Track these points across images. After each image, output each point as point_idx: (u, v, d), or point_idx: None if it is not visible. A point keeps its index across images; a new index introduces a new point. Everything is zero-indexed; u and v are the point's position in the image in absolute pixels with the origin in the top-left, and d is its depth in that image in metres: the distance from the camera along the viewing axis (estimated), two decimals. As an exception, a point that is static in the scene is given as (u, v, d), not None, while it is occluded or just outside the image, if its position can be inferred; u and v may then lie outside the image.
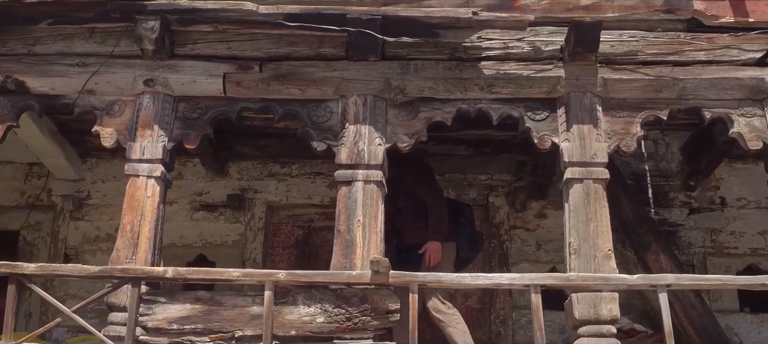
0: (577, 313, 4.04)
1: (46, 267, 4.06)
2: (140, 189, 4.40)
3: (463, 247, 5.14)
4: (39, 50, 4.73)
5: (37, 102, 4.70)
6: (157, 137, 4.47)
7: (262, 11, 4.30)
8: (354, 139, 4.36)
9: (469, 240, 5.18)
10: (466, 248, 5.15)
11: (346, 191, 4.28)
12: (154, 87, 4.55)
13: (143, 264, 4.23)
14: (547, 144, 4.39)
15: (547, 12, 4.41)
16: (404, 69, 4.46)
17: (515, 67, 4.44)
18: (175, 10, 4.37)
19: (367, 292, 3.90)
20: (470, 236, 5.19)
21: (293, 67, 4.51)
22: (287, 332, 3.88)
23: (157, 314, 3.97)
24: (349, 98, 4.44)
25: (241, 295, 3.97)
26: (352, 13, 4.24)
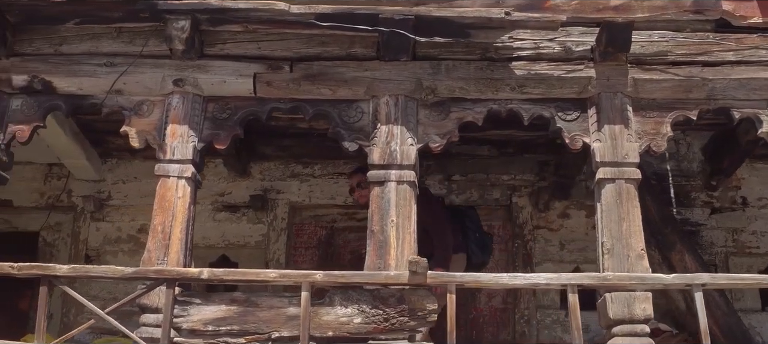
0: (611, 313, 4.05)
1: (79, 269, 4.04)
2: (171, 190, 4.38)
3: (475, 253, 5.10)
4: (65, 50, 4.70)
5: (64, 102, 4.68)
6: (187, 137, 4.45)
7: (294, 11, 4.29)
8: (386, 139, 4.35)
9: (480, 245, 5.13)
10: (479, 253, 5.10)
11: (379, 192, 4.28)
12: (183, 87, 4.53)
13: (175, 265, 4.21)
14: (578, 144, 4.39)
15: (578, 12, 4.41)
16: (436, 69, 4.46)
17: (546, 68, 4.45)
18: (206, 10, 4.35)
19: (405, 293, 3.90)
20: (480, 241, 5.14)
21: (324, 68, 4.50)
22: (324, 333, 3.87)
23: (192, 315, 3.96)
24: (381, 98, 4.44)
25: (278, 296, 3.96)
26: (384, 13, 4.24)
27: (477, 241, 5.12)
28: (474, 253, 5.10)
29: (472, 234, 5.10)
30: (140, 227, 6.10)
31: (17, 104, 4.69)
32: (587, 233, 5.79)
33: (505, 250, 5.85)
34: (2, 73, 4.69)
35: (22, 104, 4.68)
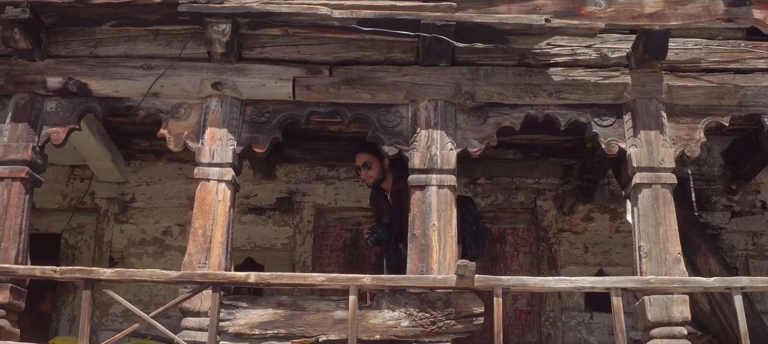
0: (650, 315, 4.12)
1: (123, 273, 4.02)
2: (211, 193, 4.38)
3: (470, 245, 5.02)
4: (101, 52, 4.70)
5: (100, 105, 4.67)
6: (226, 141, 4.46)
7: (336, 16, 4.31)
8: (426, 144, 4.39)
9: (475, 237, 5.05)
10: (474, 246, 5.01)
11: (420, 196, 4.32)
12: (222, 90, 4.54)
13: (216, 269, 4.22)
14: (614, 149, 4.46)
15: (613, 19, 4.48)
16: (474, 75, 4.51)
17: (583, 74, 4.51)
18: (247, 14, 4.36)
19: (451, 296, 3.94)
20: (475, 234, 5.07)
21: (364, 72, 4.53)
22: (372, 336, 3.91)
23: (239, 319, 3.97)
24: (420, 103, 4.48)
25: (325, 300, 3.98)
26: (426, 19, 4.28)
27: (473, 233, 5.01)
28: (469, 245, 4.98)
29: (469, 226, 4.99)
30: (165, 229, 6.09)
31: (52, 106, 4.67)
32: (611, 237, 5.88)
33: (530, 253, 5.91)
34: (37, 76, 4.67)
35: (57, 107, 4.67)
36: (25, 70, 4.68)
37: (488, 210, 5.90)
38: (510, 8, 4.55)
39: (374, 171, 4.86)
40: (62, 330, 5.88)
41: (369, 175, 4.88)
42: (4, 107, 4.69)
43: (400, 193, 4.75)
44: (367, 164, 4.86)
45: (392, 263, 4.74)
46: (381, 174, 4.88)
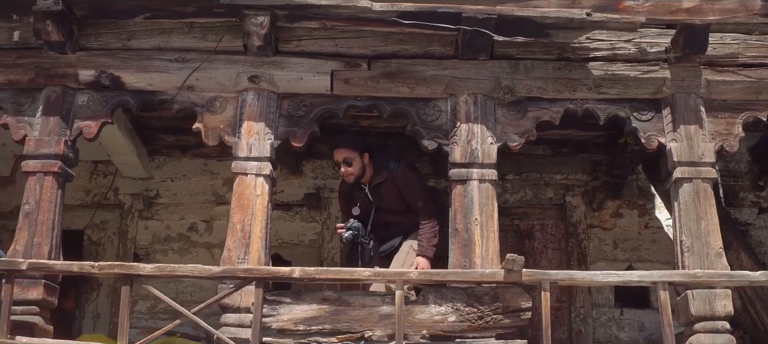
0: (693, 309, 4.10)
1: (164, 268, 3.96)
2: (249, 188, 4.33)
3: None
4: (135, 45, 4.63)
5: (133, 98, 4.60)
6: (263, 134, 4.41)
7: (376, 9, 4.28)
8: (467, 138, 4.36)
9: None
10: None
11: (461, 190, 4.29)
12: (258, 84, 4.49)
13: (256, 264, 4.17)
14: (654, 144, 4.44)
15: (651, 14, 4.49)
16: (514, 68, 4.48)
17: (622, 68, 4.49)
18: (286, 6, 4.31)
19: (498, 290, 3.91)
20: None
21: (403, 65, 4.49)
22: (418, 331, 3.87)
23: (282, 315, 3.92)
24: (460, 97, 4.44)
25: (370, 295, 3.94)
26: (467, 12, 4.25)
27: None
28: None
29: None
30: (190, 225, 6.02)
31: (83, 100, 4.61)
32: (640, 233, 5.87)
33: (558, 249, 5.89)
34: (68, 69, 4.60)
35: (89, 100, 4.60)
36: (57, 63, 4.60)
37: (516, 206, 5.88)
38: (549, 2, 4.54)
39: (355, 167, 4.70)
40: (86, 328, 5.80)
41: (350, 172, 4.71)
42: (34, 101, 4.61)
43: (380, 187, 4.71)
44: (348, 161, 4.70)
45: (367, 258, 4.66)
46: (362, 170, 4.72)
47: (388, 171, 4.70)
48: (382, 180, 4.70)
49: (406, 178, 4.70)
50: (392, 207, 4.74)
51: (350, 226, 4.66)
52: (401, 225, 4.77)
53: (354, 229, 4.65)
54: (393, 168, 4.69)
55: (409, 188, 4.70)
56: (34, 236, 4.34)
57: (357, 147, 4.68)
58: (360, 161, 4.72)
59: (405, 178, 4.69)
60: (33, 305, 4.21)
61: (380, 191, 4.72)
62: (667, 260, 5.73)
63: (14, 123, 4.59)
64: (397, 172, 4.70)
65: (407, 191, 4.71)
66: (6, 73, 4.63)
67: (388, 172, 4.70)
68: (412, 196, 4.71)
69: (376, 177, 4.72)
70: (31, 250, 4.31)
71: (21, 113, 4.58)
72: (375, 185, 4.74)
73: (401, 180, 4.69)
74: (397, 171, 4.70)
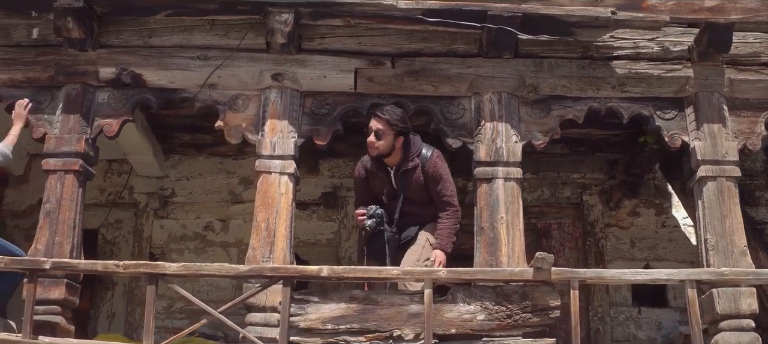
0: (718, 307, 4.11)
1: (190, 267, 3.92)
2: (273, 186, 4.31)
3: None
4: (156, 42, 4.60)
5: (154, 96, 4.57)
6: (287, 132, 4.39)
7: (401, 6, 4.26)
8: (491, 136, 4.35)
9: None
10: None
11: (486, 189, 4.28)
12: (282, 82, 4.47)
13: (281, 263, 4.14)
14: (677, 143, 4.45)
15: (674, 13, 4.48)
16: (538, 67, 4.48)
17: (646, 67, 4.50)
18: (310, 3, 4.29)
19: (527, 289, 3.90)
20: None
21: (427, 64, 4.48)
22: (447, 330, 3.85)
23: (310, 314, 3.89)
24: (484, 95, 4.44)
25: (398, 294, 3.92)
26: (493, 10, 4.24)
27: None
28: None
29: None
30: (206, 224, 5.99)
31: (104, 98, 4.57)
32: (657, 232, 5.88)
33: (576, 248, 5.89)
34: (89, 66, 4.57)
35: (109, 98, 4.57)
36: (77, 61, 4.57)
37: (534, 205, 5.87)
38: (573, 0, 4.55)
39: (384, 144, 4.22)
40: (101, 328, 5.76)
41: (376, 146, 4.23)
42: (53, 99, 4.58)
43: (407, 174, 4.28)
44: (379, 133, 4.20)
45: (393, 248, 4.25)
46: (389, 150, 4.25)
47: (420, 159, 4.27)
48: (410, 167, 4.27)
49: (436, 168, 4.28)
50: (415, 197, 4.35)
51: (373, 213, 4.23)
52: (419, 217, 4.38)
53: (377, 216, 4.23)
54: (425, 156, 4.27)
55: (436, 180, 4.28)
56: (55, 235, 4.31)
57: (395, 126, 4.19)
58: (392, 140, 4.22)
59: (436, 168, 4.28)
60: (55, 304, 4.18)
61: (406, 179, 4.30)
62: (684, 258, 5.78)
63: (33, 121, 4.54)
64: (429, 161, 4.28)
65: (435, 182, 4.28)
66: (25, 71, 4.60)
67: (419, 160, 4.27)
68: (439, 188, 4.27)
69: (404, 163, 4.28)
70: (52, 249, 4.27)
71: (40, 111, 4.55)
72: (402, 172, 4.30)
73: (431, 170, 4.28)
74: (429, 161, 4.28)
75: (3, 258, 4.05)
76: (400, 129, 4.21)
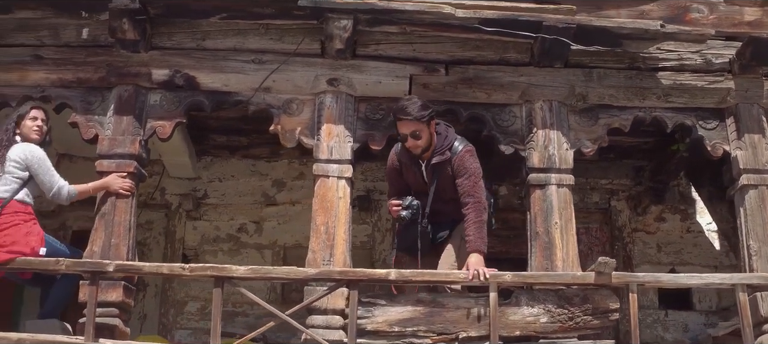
0: (762, 310, 4.28)
1: (258, 270, 3.95)
2: (331, 190, 4.36)
3: None
4: (209, 45, 4.61)
5: (207, 99, 4.58)
6: (343, 137, 4.44)
7: (459, 15, 4.34)
8: (544, 143, 4.46)
9: None
10: None
11: (540, 195, 4.39)
12: (337, 87, 4.52)
13: (342, 266, 4.20)
14: (719, 152, 4.61)
15: (715, 26, 4.69)
16: (588, 76, 4.60)
17: (690, 78, 4.65)
18: (370, 10, 4.35)
19: (588, 292, 4.02)
20: None
21: (480, 72, 4.57)
22: (511, 332, 3.95)
23: (377, 317, 3.96)
24: (535, 103, 4.54)
25: (464, 297, 3.99)
26: (548, 21, 4.35)
27: None
28: None
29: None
30: (240, 226, 5.99)
31: (156, 99, 4.57)
32: (682, 237, 6.07)
33: (603, 252, 6.02)
34: (141, 68, 4.56)
35: (161, 99, 4.57)
36: (129, 62, 4.56)
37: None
38: (619, 12, 4.72)
39: (424, 139, 4.10)
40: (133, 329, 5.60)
41: (419, 145, 4.11)
42: (104, 100, 4.56)
43: (438, 167, 4.13)
44: (416, 134, 4.07)
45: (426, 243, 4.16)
46: (430, 141, 4.13)
47: (451, 152, 4.13)
48: (441, 160, 4.12)
49: (462, 161, 4.11)
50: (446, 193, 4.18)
51: (409, 204, 4.11)
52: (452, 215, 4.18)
53: (413, 208, 4.11)
54: (456, 149, 4.13)
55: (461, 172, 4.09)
56: (111, 237, 4.29)
57: (422, 116, 4.08)
58: (428, 131, 4.11)
59: (462, 161, 4.11)
60: (113, 307, 4.17)
61: (437, 172, 4.16)
62: (708, 263, 5.98)
63: (83, 122, 4.52)
64: (458, 155, 4.12)
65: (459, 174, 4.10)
66: (75, 72, 4.57)
67: (450, 153, 4.13)
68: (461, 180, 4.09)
69: (435, 155, 4.14)
70: (108, 251, 4.26)
71: (90, 112, 4.53)
72: (433, 165, 4.15)
73: (458, 162, 4.11)
74: (458, 154, 4.12)
75: (65, 260, 4.04)
76: (428, 116, 4.09)
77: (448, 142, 4.14)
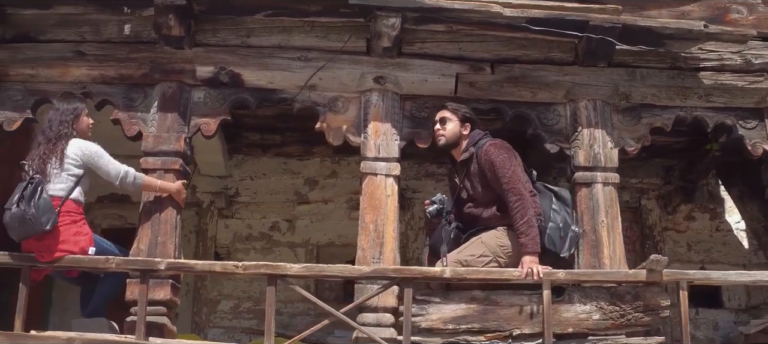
0: (805, 307, 4.35)
1: (312, 268, 3.94)
2: (380, 188, 4.36)
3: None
4: (254, 42, 4.59)
5: (252, 96, 4.57)
6: (390, 135, 4.44)
7: (507, 14, 4.36)
8: (589, 142, 4.49)
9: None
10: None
11: (586, 193, 4.41)
12: (384, 85, 4.52)
13: (392, 264, 4.20)
14: (759, 151, 4.66)
15: (755, 26, 4.74)
16: (631, 76, 4.63)
17: (730, 78, 4.70)
18: (418, 8, 4.34)
19: (639, 289, 4.05)
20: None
21: (525, 71, 4.59)
22: (564, 329, 3.97)
23: (431, 314, 3.96)
24: (579, 102, 4.57)
25: (518, 294, 4.01)
26: (594, 21, 4.37)
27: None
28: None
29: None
30: (272, 224, 5.97)
31: (199, 97, 4.55)
32: (711, 235, 6.13)
33: (634, 251, 6.08)
34: (186, 64, 4.54)
35: (205, 97, 4.55)
36: (173, 59, 4.53)
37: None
38: (660, 12, 4.76)
39: (448, 131, 4.16)
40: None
41: (441, 134, 4.19)
42: (146, 96, 4.53)
43: (464, 165, 4.15)
44: (444, 120, 4.17)
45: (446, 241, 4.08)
46: (455, 138, 4.18)
47: (475, 148, 4.12)
48: (466, 158, 4.14)
49: (488, 155, 4.04)
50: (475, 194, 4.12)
51: (434, 199, 4.21)
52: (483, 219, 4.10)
53: (438, 203, 4.17)
54: (480, 145, 4.10)
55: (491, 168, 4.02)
56: (157, 235, 4.26)
57: (458, 110, 4.17)
58: (457, 127, 4.16)
59: (487, 155, 4.04)
60: (161, 305, 4.14)
61: (463, 169, 4.16)
62: (737, 261, 6.04)
63: (126, 119, 4.49)
64: (481, 150, 4.09)
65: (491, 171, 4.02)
66: (118, 68, 4.53)
67: (474, 149, 4.12)
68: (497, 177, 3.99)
69: (464, 153, 4.16)
70: (155, 249, 4.23)
71: (133, 109, 4.50)
72: (460, 162, 4.19)
73: (483, 158, 4.06)
74: (482, 149, 4.08)
75: (115, 258, 4.01)
76: (464, 114, 4.16)
77: (473, 140, 4.17)
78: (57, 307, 5.88)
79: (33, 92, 4.54)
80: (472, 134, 4.20)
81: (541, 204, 4.09)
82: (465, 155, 4.16)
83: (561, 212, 4.08)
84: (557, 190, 4.25)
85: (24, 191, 3.76)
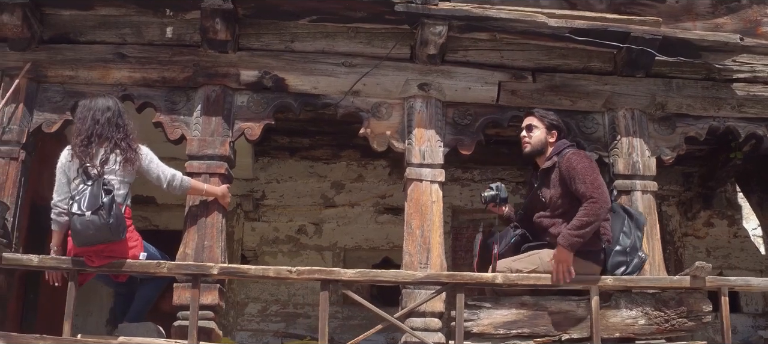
0: (833, 313, 4.49)
1: (366, 273, 3.97)
2: (425, 194, 4.40)
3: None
4: (298, 47, 4.61)
5: (295, 101, 4.58)
6: (434, 142, 4.48)
7: (552, 24, 4.43)
8: (628, 150, 4.58)
9: None
10: None
11: (625, 201, 4.50)
12: (428, 92, 4.56)
13: (439, 269, 4.25)
14: (788, 161, 4.82)
15: (785, 39, 4.87)
16: (668, 86, 4.74)
17: (762, 90, 4.83)
18: (465, 17, 4.40)
19: (683, 295, 4.14)
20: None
21: (566, 79, 4.67)
22: (611, 334, 4.05)
23: (482, 319, 4.01)
24: (618, 111, 4.66)
25: (566, 300, 4.08)
26: (635, 32, 4.47)
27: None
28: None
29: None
30: (299, 228, 5.96)
31: (243, 101, 4.55)
32: (730, 241, 6.27)
33: (649, 257, 6.18)
34: (230, 68, 4.54)
35: (249, 101, 4.55)
36: (216, 63, 4.52)
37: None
38: (695, 25, 4.87)
39: (535, 138, 4.10)
40: (193, 332, 5.63)
41: (527, 141, 4.13)
42: (189, 100, 4.52)
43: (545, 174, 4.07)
44: (530, 127, 4.13)
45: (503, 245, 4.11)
46: (541, 146, 4.11)
47: (558, 156, 4.03)
48: (548, 166, 4.05)
49: (570, 162, 3.95)
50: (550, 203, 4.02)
51: (493, 185, 4.22)
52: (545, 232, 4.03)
53: (493, 189, 4.17)
54: (564, 154, 4.02)
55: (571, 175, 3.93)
56: (204, 239, 4.27)
57: (545, 117, 4.13)
58: (544, 135, 4.11)
59: (569, 162, 3.96)
60: (209, 310, 4.13)
61: (544, 179, 4.08)
62: (755, 267, 6.19)
63: (169, 122, 4.47)
64: (564, 158, 3.99)
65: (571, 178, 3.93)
66: (160, 71, 4.51)
67: (557, 158, 4.03)
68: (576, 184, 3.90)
69: (547, 161, 4.09)
70: (201, 253, 4.23)
71: (175, 112, 4.49)
72: (542, 171, 4.11)
73: (565, 165, 3.96)
74: (565, 157, 3.99)
75: (167, 263, 4.00)
76: (551, 121, 4.12)
77: (558, 149, 4.10)
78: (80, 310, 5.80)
79: (72, 93, 4.50)
80: (558, 143, 4.13)
81: (613, 226, 4.06)
82: (548, 163, 4.08)
83: (631, 236, 4.05)
84: (632, 211, 4.21)
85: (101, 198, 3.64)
